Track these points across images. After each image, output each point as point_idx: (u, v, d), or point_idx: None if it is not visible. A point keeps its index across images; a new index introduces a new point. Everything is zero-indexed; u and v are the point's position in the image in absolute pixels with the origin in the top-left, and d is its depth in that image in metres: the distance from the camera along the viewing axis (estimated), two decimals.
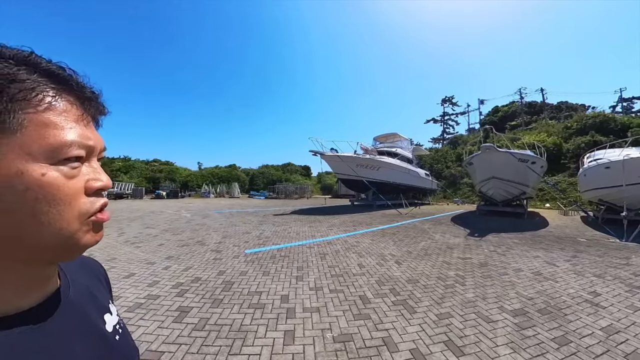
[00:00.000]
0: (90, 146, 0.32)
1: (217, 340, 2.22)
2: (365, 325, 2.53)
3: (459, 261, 4.69)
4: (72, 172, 0.30)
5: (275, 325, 2.48)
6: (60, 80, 0.31)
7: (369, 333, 2.41)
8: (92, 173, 0.33)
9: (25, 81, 0.28)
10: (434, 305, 2.99)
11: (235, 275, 3.93)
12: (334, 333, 2.38)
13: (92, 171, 0.33)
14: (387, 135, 21.42)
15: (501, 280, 3.73)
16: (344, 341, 2.28)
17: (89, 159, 0.33)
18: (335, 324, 2.55)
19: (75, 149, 0.30)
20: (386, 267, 4.37)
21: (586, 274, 3.99)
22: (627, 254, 5.20)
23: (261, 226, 8.76)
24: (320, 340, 2.27)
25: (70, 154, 0.29)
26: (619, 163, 7.64)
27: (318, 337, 2.32)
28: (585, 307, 2.90)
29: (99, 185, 0.33)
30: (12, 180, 0.26)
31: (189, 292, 3.24)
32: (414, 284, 3.64)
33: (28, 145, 0.27)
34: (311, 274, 4.04)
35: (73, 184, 0.30)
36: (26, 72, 0.28)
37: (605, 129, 21.30)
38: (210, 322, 2.52)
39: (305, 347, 2.18)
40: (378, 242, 6.35)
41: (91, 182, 0.32)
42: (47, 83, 0.29)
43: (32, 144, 0.27)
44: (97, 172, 0.33)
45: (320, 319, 2.64)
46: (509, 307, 2.89)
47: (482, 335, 2.37)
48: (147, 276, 3.78)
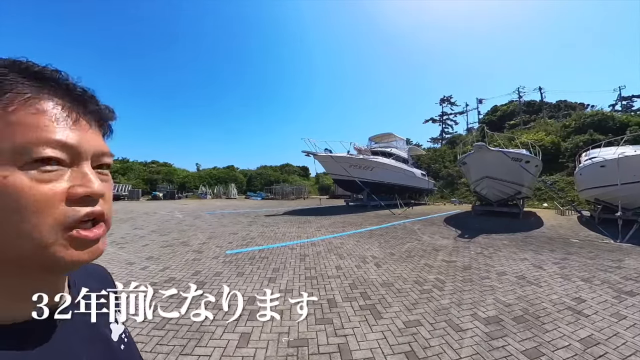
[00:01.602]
0: (73, 147, 0.28)
1: (172, 340, 2.21)
2: (325, 331, 2.43)
3: (442, 264, 4.48)
4: (43, 175, 0.27)
5: (233, 327, 2.42)
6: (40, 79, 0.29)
7: (326, 339, 2.30)
8: (79, 179, 0.29)
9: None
10: (404, 311, 2.80)
11: (210, 275, 3.95)
12: (290, 337, 2.30)
13: (79, 176, 0.29)
14: (382, 135, 21.21)
15: (481, 285, 3.52)
16: (298, 346, 2.20)
17: (77, 163, 0.29)
18: (294, 328, 2.47)
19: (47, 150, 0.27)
20: (364, 270, 4.18)
21: (573, 278, 3.77)
22: (620, 256, 4.98)
23: (250, 227, 8.62)
24: (275, 344, 2.20)
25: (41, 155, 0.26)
26: (613, 161, 7.42)
27: (273, 341, 2.25)
28: (567, 315, 2.68)
29: (81, 191, 0.28)
30: None
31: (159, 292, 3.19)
32: (388, 287, 3.45)
33: None
34: (285, 276, 3.94)
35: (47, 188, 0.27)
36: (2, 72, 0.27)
37: (604, 128, 21.05)
38: (171, 322, 2.49)
39: (258, 350, 2.13)
40: (363, 243, 6.15)
41: (74, 188, 0.28)
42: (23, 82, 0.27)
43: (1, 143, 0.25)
44: (86, 177, 0.29)
45: (281, 322, 2.54)
46: (482, 315, 2.68)
47: (447, 346, 2.17)
48: (124, 276, 3.80)
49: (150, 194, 27.29)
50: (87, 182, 0.29)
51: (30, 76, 0.28)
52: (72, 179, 0.29)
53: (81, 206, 0.29)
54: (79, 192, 0.28)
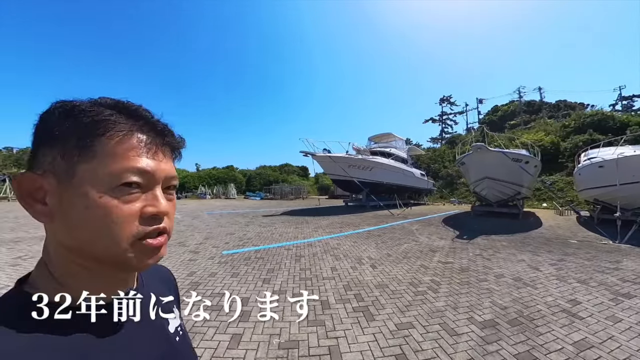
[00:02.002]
0: (150, 174, 0.35)
1: None
2: (317, 332, 2.41)
3: (438, 265, 4.45)
4: (126, 197, 0.34)
5: (225, 328, 2.40)
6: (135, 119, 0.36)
7: (317, 341, 2.29)
8: (151, 200, 0.36)
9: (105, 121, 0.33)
10: (397, 313, 2.77)
11: (205, 276, 3.93)
12: (281, 339, 2.28)
13: (151, 198, 0.36)
14: (381, 135, 21.16)
15: (479, 288, 3.49)
16: (288, 348, 2.19)
17: (152, 186, 0.36)
18: (286, 329, 2.45)
19: (131, 176, 0.33)
20: (359, 271, 4.15)
21: (569, 280, 3.74)
22: (618, 257, 4.94)
23: (247, 227, 8.61)
24: (266, 345, 2.19)
25: (127, 180, 0.33)
26: (612, 162, 7.38)
27: (264, 342, 2.23)
28: (561, 317, 2.65)
29: (151, 211, 0.35)
30: (81, 199, 0.32)
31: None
32: (382, 289, 3.42)
33: (96, 171, 0.32)
34: (280, 277, 3.93)
35: (127, 207, 0.33)
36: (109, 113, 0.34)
37: (604, 127, 20.98)
38: None
39: (248, 352, 2.11)
40: (360, 244, 6.12)
41: (146, 208, 0.35)
42: (124, 122, 0.35)
43: (99, 170, 0.32)
44: (157, 199, 0.36)
45: (273, 323, 2.53)
46: (479, 318, 2.65)
47: (440, 350, 2.15)
48: None
49: None
50: (157, 203, 0.36)
51: (128, 115, 0.35)
52: (146, 199, 0.35)
53: (150, 222, 0.35)
54: (150, 211, 0.35)
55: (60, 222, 0.33)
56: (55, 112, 0.34)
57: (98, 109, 0.34)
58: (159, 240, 0.37)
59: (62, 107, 0.34)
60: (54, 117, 0.34)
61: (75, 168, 0.32)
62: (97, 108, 0.34)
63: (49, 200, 0.33)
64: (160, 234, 0.37)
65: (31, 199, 0.33)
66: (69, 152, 0.32)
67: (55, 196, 0.33)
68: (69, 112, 0.34)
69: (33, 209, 0.33)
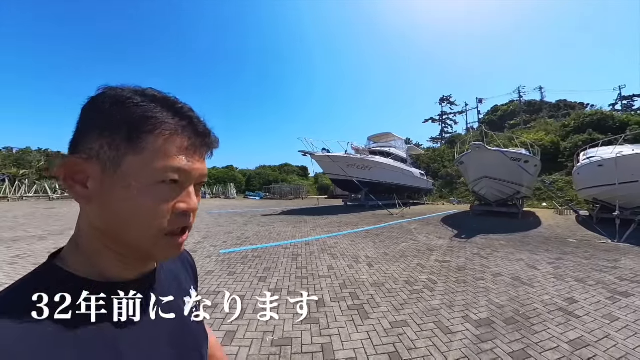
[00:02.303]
0: (187, 173, 0.37)
1: None
2: (310, 330, 2.39)
3: (435, 264, 4.43)
4: (165, 193, 0.35)
5: (219, 326, 2.40)
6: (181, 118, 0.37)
7: (310, 338, 2.27)
8: (184, 197, 0.37)
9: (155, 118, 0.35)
10: (392, 311, 2.75)
11: (201, 274, 3.89)
12: (274, 336, 2.27)
13: (185, 195, 0.37)
14: (380, 135, 21.13)
15: (475, 286, 3.46)
16: (281, 345, 2.17)
17: (187, 184, 0.38)
18: (280, 327, 2.44)
19: (171, 174, 0.35)
20: (356, 270, 4.13)
21: (567, 279, 3.72)
22: (617, 256, 4.92)
23: (245, 227, 8.59)
24: (259, 343, 2.18)
25: (168, 178, 0.35)
26: (611, 161, 7.36)
27: (257, 339, 2.23)
28: (557, 316, 2.63)
29: (183, 207, 0.37)
30: (122, 190, 0.34)
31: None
32: (378, 287, 3.40)
33: (142, 165, 0.34)
34: (276, 276, 3.91)
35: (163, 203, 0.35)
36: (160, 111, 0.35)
37: (604, 127, 20.96)
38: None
39: (241, 349, 2.10)
40: (358, 243, 6.10)
41: (179, 204, 0.37)
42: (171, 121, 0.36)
43: (145, 165, 0.34)
44: (189, 196, 0.38)
45: (268, 321, 2.49)
46: (474, 317, 2.63)
47: (434, 348, 2.12)
48: None
49: None
50: (189, 201, 0.38)
51: (175, 113, 0.36)
52: (179, 196, 0.37)
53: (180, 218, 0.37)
54: (182, 208, 0.37)
55: (96, 206, 0.35)
56: (106, 100, 0.35)
57: (149, 105, 0.35)
58: (183, 237, 0.39)
59: (115, 97, 0.35)
60: (105, 105, 0.34)
61: (122, 159, 0.33)
62: (148, 103, 0.35)
63: (90, 185, 0.34)
64: (184, 229, 0.38)
65: (73, 181, 0.34)
66: (118, 143, 0.33)
67: (97, 182, 0.34)
68: (121, 103, 0.34)
69: (74, 190, 0.34)
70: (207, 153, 0.42)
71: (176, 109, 0.37)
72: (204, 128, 0.39)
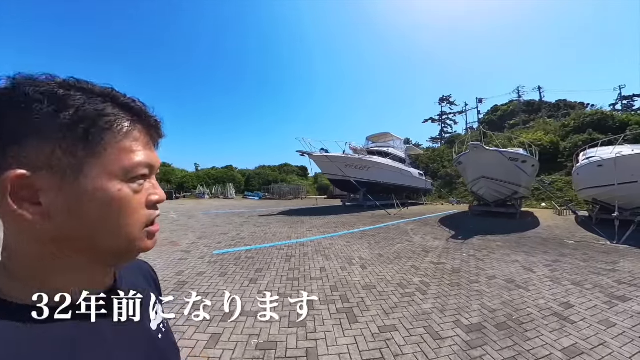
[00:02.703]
0: (153, 166, 0.38)
1: None
2: (296, 334, 2.34)
3: (429, 266, 4.35)
4: (138, 187, 0.36)
5: (206, 328, 2.36)
6: (134, 112, 0.36)
7: (296, 342, 2.22)
8: (152, 188, 0.38)
9: (110, 114, 0.33)
10: (381, 315, 2.67)
11: (192, 275, 3.89)
12: (260, 340, 2.23)
13: (151, 186, 0.39)
14: (379, 134, 21.04)
15: (469, 289, 3.38)
16: (266, 349, 2.13)
17: (151, 176, 0.39)
18: (266, 330, 2.39)
19: (142, 169, 0.36)
20: (348, 272, 4.05)
21: (563, 282, 3.63)
22: (615, 258, 4.83)
23: (241, 227, 8.53)
24: (243, 346, 2.14)
25: (139, 173, 0.35)
26: (611, 161, 7.26)
27: (242, 342, 2.19)
28: (552, 321, 2.54)
29: (156, 199, 0.39)
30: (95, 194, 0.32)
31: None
32: (370, 290, 3.32)
33: (109, 165, 0.33)
34: (267, 277, 3.86)
35: (139, 197, 0.36)
36: (111, 106, 0.34)
37: (604, 127, 20.86)
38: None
39: (225, 352, 2.07)
40: (353, 244, 6.02)
41: (151, 196, 0.38)
42: (124, 115, 0.35)
43: (112, 165, 0.33)
44: (155, 187, 0.39)
45: (254, 323, 2.48)
46: (465, 322, 2.55)
47: (421, 354, 2.05)
48: None
49: None
50: (158, 192, 0.39)
51: (127, 109, 0.35)
52: (148, 188, 0.38)
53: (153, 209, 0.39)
54: (154, 200, 0.38)
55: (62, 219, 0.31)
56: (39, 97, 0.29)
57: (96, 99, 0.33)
58: (158, 226, 0.40)
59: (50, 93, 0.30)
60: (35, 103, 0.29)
61: (82, 164, 0.31)
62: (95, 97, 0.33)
63: (44, 200, 0.30)
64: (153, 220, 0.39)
65: (18, 200, 0.29)
66: (73, 147, 0.30)
67: (53, 195, 0.30)
68: (61, 100, 0.30)
69: (22, 209, 0.29)
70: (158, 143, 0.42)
71: (124, 102, 0.35)
72: (155, 118, 0.39)
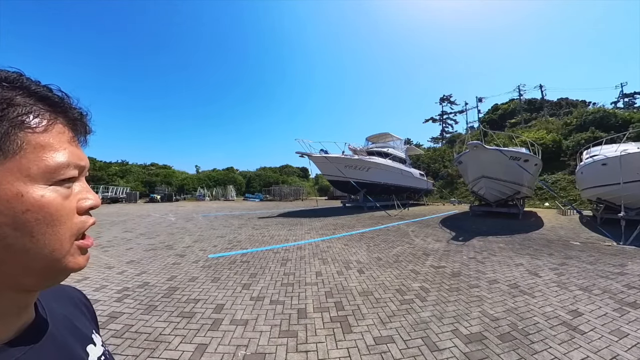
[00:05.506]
0: (82, 166, 0.33)
1: (127, 350, 2.11)
2: (286, 345, 2.20)
3: (429, 270, 4.18)
4: (67, 191, 0.30)
5: (192, 337, 2.30)
6: (52, 103, 0.31)
7: (285, 354, 2.08)
8: (83, 192, 0.33)
9: (21, 105, 0.28)
10: (378, 324, 2.52)
11: (184, 281, 3.79)
12: (247, 351, 2.12)
13: (82, 190, 0.33)
14: (379, 135, 20.86)
15: (469, 295, 3.22)
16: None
17: (80, 178, 0.33)
18: (255, 340, 2.27)
19: (70, 170, 0.30)
20: (345, 276, 3.90)
21: (571, 287, 3.45)
22: (623, 260, 4.64)
23: (239, 230, 8.40)
24: (230, 358, 2.05)
25: (67, 175, 0.30)
26: (615, 159, 7.07)
27: (229, 354, 2.09)
28: (560, 331, 2.37)
29: (89, 205, 0.33)
30: (11, 203, 0.26)
31: (130, 297, 3.17)
32: (366, 297, 3.16)
33: (27, 167, 0.27)
34: (261, 282, 3.72)
35: (68, 203, 0.30)
36: (21, 95, 0.29)
37: (606, 125, 20.61)
38: (132, 329, 2.42)
39: None
40: (351, 247, 5.87)
41: (81, 202, 0.32)
42: (41, 106, 0.30)
43: (31, 166, 0.27)
44: (87, 190, 0.33)
45: (244, 333, 2.37)
46: (464, 331, 2.39)
47: None
48: (98, 280, 3.71)
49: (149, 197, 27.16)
50: (90, 196, 0.33)
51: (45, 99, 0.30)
52: (78, 192, 0.32)
53: (86, 218, 0.33)
54: (87, 206, 0.32)
55: None
56: None
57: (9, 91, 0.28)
58: (91, 240, 0.34)
59: None
60: None
61: None
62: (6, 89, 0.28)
63: None
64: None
65: None
66: None
67: None
68: None
69: None
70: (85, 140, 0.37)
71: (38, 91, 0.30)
72: (79, 111, 0.34)
